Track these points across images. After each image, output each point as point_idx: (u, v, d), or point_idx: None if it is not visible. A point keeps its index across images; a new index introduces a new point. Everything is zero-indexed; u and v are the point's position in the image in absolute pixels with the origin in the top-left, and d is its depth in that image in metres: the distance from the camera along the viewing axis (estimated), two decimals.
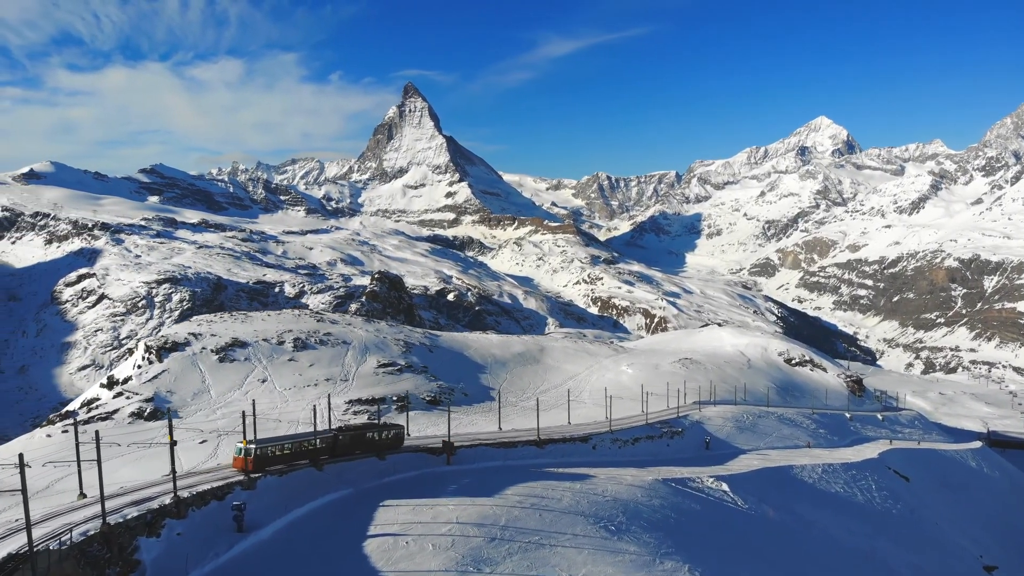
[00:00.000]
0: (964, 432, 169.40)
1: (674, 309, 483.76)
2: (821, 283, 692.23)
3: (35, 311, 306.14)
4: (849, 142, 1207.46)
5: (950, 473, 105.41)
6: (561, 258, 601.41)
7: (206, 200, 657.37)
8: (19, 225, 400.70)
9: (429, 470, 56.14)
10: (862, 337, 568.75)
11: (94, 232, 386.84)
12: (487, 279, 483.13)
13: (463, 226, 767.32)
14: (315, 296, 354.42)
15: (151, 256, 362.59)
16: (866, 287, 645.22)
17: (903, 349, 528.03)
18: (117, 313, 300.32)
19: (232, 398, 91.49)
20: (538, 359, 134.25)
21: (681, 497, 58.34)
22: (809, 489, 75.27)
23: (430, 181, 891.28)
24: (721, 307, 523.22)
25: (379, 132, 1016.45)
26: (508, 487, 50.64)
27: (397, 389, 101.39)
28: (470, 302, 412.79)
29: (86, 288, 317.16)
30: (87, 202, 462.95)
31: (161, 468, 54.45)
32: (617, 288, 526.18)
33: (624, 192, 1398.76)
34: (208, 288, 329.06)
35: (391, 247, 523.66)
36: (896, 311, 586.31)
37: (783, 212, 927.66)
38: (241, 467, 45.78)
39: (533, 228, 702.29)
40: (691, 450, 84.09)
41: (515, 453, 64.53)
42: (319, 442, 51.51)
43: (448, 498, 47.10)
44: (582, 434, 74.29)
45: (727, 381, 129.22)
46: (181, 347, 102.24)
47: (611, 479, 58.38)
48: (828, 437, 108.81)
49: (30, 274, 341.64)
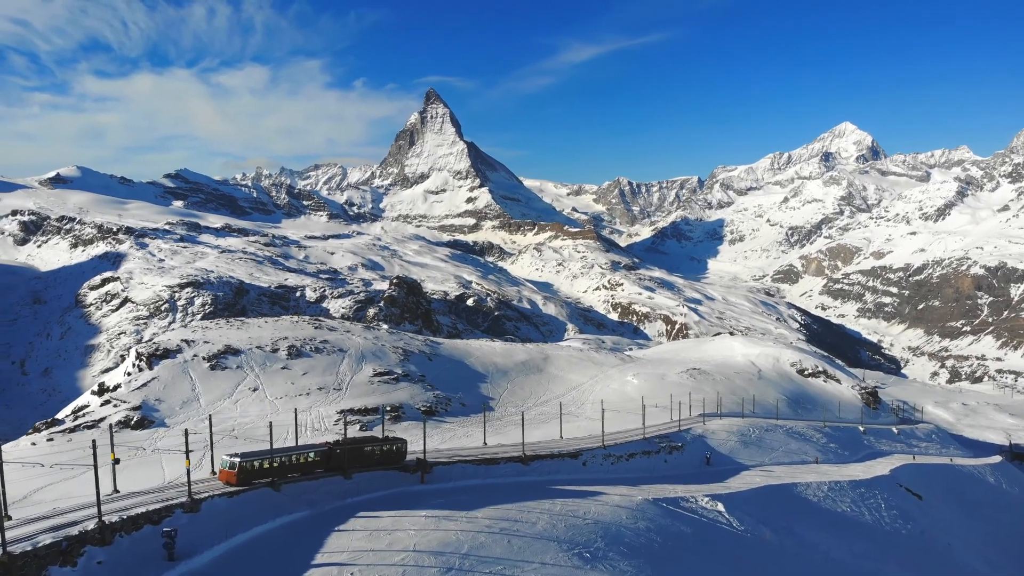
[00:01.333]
0: (986, 445, 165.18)
1: (695, 316, 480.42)
2: (845, 290, 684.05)
3: (59, 314, 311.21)
4: (874, 148, 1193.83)
5: (967, 490, 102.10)
6: (581, 263, 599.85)
7: (230, 205, 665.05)
8: (45, 229, 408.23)
9: (400, 489, 53.16)
10: (886, 345, 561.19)
11: (118, 236, 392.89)
12: (507, 284, 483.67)
13: (483, 231, 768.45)
14: (336, 301, 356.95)
15: (174, 260, 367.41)
16: (891, 294, 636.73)
17: (928, 358, 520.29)
18: (140, 316, 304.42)
19: (222, 407, 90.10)
20: (541, 368, 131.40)
21: (671, 519, 55.63)
22: (814, 508, 72.63)
23: (451, 186, 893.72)
24: (743, 314, 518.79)
25: (401, 138, 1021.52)
26: (480, 508, 47.99)
27: (392, 399, 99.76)
28: (489, 307, 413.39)
29: (110, 291, 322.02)
30: (112, 206, 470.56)
31: (139, 480, 53.36)
32: (637, 294, 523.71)
33: (646, 197, 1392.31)
34: (230, 292, 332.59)
35: (411, 252, 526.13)
36: (921, 319, 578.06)
37: (807, 218, 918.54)
38: (227, 480, 45.36)
39: (553, 233, 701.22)
40: (691, 466, 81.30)
41: (496, 471, 61.50)
42: (314, 455, 50.25)
43: (412, 521, 44.37)
44: (572, 450, 71.08)
45: (736, 392, 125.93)
46: (172, 354, 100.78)
47: (596, 499, 56.10)
48: (839, 452, 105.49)
49: (55, 277, 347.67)
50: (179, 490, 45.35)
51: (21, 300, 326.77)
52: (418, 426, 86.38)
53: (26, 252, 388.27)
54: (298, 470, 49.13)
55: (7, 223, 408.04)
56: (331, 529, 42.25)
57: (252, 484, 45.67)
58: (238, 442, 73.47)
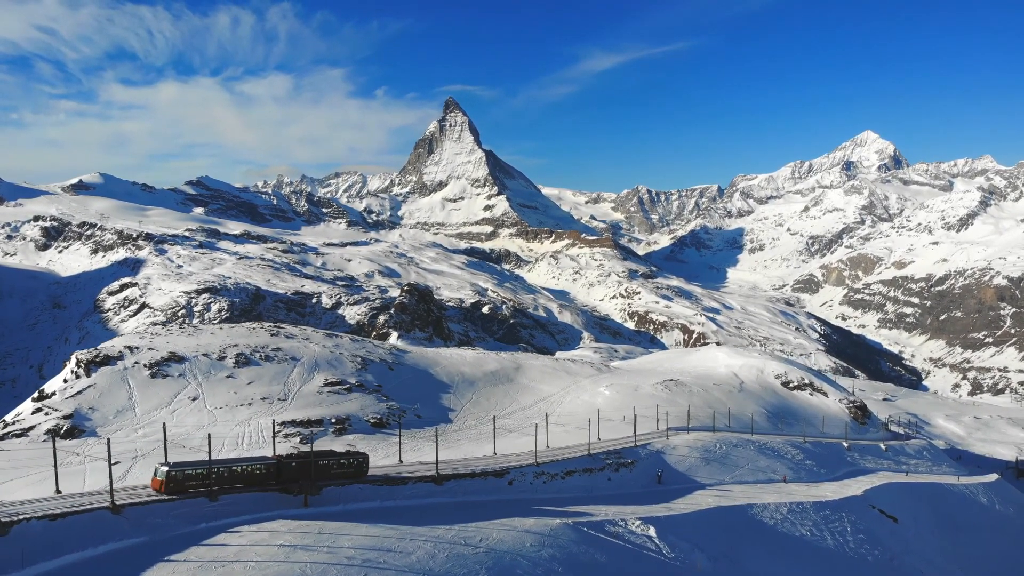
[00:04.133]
0: (992, 461, 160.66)
1: (713, 325, 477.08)
2: (866, 300, 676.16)
3: (78, 319, 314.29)
4: (896, 157, 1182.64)
5: (954, 511, 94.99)
6: (598, 272, 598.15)
7: (250, 212, 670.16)
8: (66, 235, 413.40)
9: (276, 512, 46.91)
10: (907, 356, 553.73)
11: (138, 242, 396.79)
12: (523, 292, 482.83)
13: (500, 239, 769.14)
14: (351, 307, 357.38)
15: (192, 266, 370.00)
16: (912, 305, 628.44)
17: (950, 369, 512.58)
18: (157, 322, 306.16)
19: (157, 416, 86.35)
20: (512, 378, 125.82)
21: (586, 545, 49.40)
22: (768, 533, 66.35)
23: (468, 194, 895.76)
24: (762, 324, 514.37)
25: (420, 146, 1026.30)
26: (352, 536, 42.58)
27: (340, 410, 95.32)
28: (504, 315, 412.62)
29: (128, 297, 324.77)
30: (133, 213, 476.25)
31: (67, 488, 51.15)
32: (655, 303, 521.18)
33: (665, 206, 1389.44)
34: (247, 298, 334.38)
35: (428, 259, 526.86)
36: (943, 330, 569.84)
37: (827, 227, 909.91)
38: (156, 488, 45.51)
39: (570, 241, 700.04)
40: (638, 485, 74.66)
41: (402, 492, 55.78)
42: (261, 468, 49.17)
43: (262, 551, 39.12)
44: (498, 468, 64.94)
45: (712, 405, 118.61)
46: (113, 361, 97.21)
47: (505, 523, 49.89)
48: (815, 470, 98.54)
49: (75, 283, 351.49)
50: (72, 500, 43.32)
51: (41, 305, 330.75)
52: (365, 439, 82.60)
53: (47, 257, 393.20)
54: (242, 482, 47.98)
55: (29, 229, 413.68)
56: (161, 558, 37.85)
57: (186, 493, 45.23)
58: (170, 453, 71.27)
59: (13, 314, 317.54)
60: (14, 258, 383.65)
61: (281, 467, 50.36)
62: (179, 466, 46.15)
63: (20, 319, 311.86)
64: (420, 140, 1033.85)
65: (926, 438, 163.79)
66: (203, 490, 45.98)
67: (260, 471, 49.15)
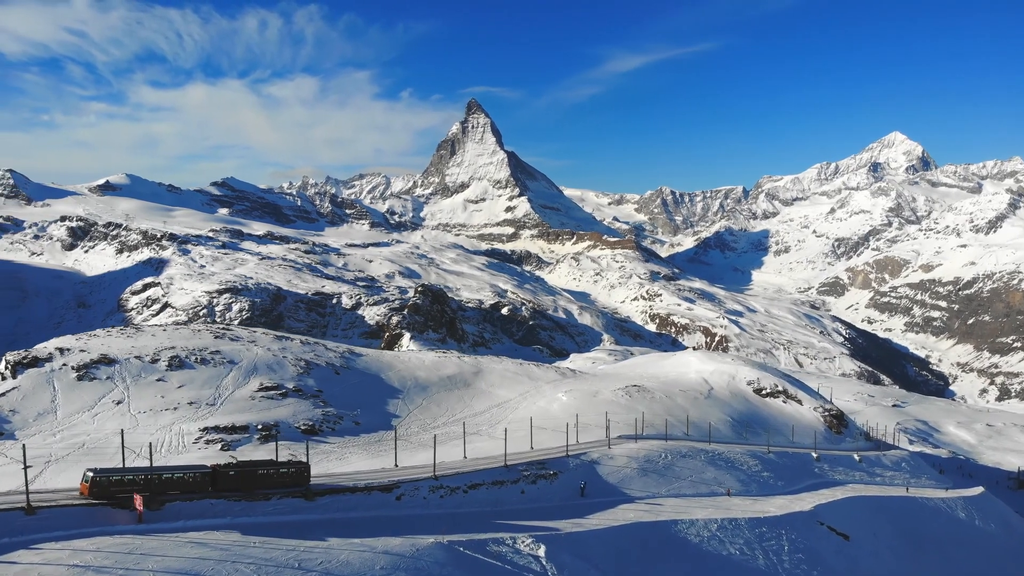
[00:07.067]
0: (995, 471, 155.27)
1: (736, 328, 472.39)
2: (892, 304, 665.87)
3: (103, 318, 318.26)
4: (924, 158, 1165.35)
5: (924, 527, 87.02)
6: (619, 273, 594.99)
7: (275, 213, 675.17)
8: (92, 235, 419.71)
9: (100, 528, 41.76)
10: (934, 361, 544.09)
11: (162, 242, 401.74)
12: (543, 294, 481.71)
13: (521, 240, 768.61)
14: (371, 308, 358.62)
15: (215, 267, 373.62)
16: (939, 308, 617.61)
17: (977, 374, 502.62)
18: (179, 322, 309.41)
19: (78, 420, 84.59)
20: (469, 383, 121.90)
21: (453, 568, 43.87)
22: (691, 551, 60.68)
23: (490, 196, 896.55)
24: (786, 327, 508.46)
25: (442, 148, 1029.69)
26: (165, 558, 37.55)
27: (271, 416, 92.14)
28: (524, 316, 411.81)
29: (151, 296, 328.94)
30: (159, 213, 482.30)
31: None
32: (676, 305, 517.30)
33: (688, 207, 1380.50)
34: (267, 299, 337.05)
35: (448, 260, 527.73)
36: (971, 334, 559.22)
37: (854, 230, 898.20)
38: (82, 492, 45.42)
39: (592, 243, 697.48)
40: (557, 498, 68.36)
41: (263, 507, 50.47)
42: (195, 476, 48.44)
43: (44, 571, 34.70)
44: (386, 482, 59.84)
45: (673, 412, 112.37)
46: (41, 362, 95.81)
47: (364, 543, 43.94)
48: (771, 482, 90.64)
49: (100, 282, 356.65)
50: None
51: (67, 304, 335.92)
52: (293, 446, 78.37)
53: (73, 257, 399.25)
54: (175, 489, 47.44)
55: (56, 229, 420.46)
56: None
57: (114, 499, 44.78)
58: (84, 458, 69.12)
59: (39, 313, 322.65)
60: (41, 257, 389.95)
61: (217, 476, 49.32)
62: (106, 472, 45.70)
63: (45, 318, 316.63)
64: (443, 142, 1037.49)
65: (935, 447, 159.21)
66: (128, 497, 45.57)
67: (194, 479, 48.34)
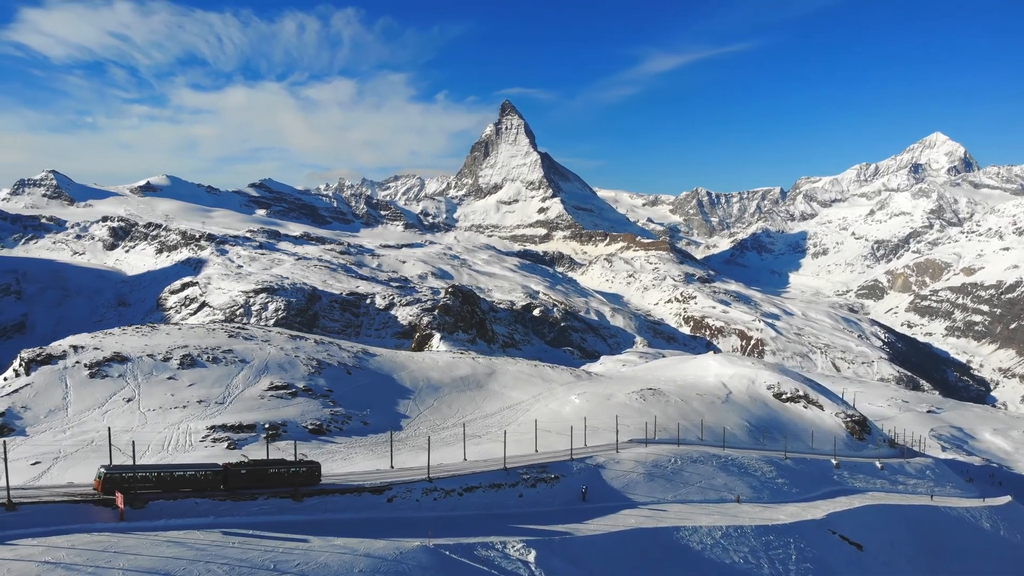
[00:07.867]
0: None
1: (772, 332, 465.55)
2: (933, 307, 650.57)
3: (142, 316, 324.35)
4: (966, 159, 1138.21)
5: (943, 537, 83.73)
6: (653, 275, 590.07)
7: (311, 214, 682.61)
8: (133, 235, 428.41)
9: (80, 526, 40.75)
10: (975, 366, 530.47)
11: (200, 243, 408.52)
12: (575, 295, 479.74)
13: (554, 242, 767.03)
14: (404, 308, 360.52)
15: (252, 267, 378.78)
16: (981, 313, 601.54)
17: (1020, 380, 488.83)
18: (216, 321, 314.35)
19: (88, 418, 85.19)
20: (482, 384, 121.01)
21: (440, 573, 42.82)
22: (692, 559, 58.72)
23: (523, 197, 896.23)
24: (823, 331, 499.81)
25: (476, 149, 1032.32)
26: (137, 557, 36.17)
27: (278, 415, 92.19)
28: (555, 318, 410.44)
29: (189, 296, 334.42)
30: (198, 214, 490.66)
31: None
32: (711, 308, 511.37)
33: (725, 208, 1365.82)
34: (303, 298, 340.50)
35: (481, 262, 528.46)
36: (1013, 339, 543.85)
37: (893, 232, 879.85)
38: (98, 489, 45.93)
39: (625, 244, 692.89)
40: (558, 502, 67.00)
41: (248, 508, 49.62)
42: (206, 474, 48.99)
43: (13, 567, 33.75)
44: (378, 483, 58.73)
45: (688, 417, 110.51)
46: (55, 360, 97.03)
47: (346, 544, 42.37)
48: (785, 489, 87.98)
49: (140, 281, 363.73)
50: None
51: (107, 303, 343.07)
52: (300, 446, 78.09)
53: (114, 257, 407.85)
54: (187, 487, 48.06)
55: (98, 229, 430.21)
56: None
57: (128, 496, 45.23)
58: (93, 455, 69.06)
59: (80, 312, 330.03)
60: (83, 257, 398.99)
61: (228, 474, 49.79)
62: (118, 469, 46.41)
63: (86, 316, 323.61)
64: (476, 143, 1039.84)
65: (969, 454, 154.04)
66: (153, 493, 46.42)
67: (206, 477, 48.88)
